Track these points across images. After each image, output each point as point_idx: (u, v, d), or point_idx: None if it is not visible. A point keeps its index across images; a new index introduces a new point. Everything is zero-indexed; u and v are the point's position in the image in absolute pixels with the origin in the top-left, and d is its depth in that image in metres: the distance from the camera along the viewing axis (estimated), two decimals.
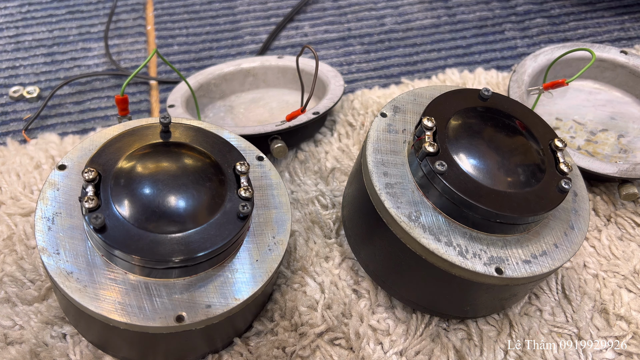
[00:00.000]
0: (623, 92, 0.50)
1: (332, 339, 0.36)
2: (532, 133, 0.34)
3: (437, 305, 0.36)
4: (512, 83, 0.46)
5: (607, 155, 0.46)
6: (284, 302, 0.37)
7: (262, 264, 0.32)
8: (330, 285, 0.38)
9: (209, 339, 0.33)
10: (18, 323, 0.35)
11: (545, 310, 0.38)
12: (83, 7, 0.60)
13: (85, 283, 0.29)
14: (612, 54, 0.49)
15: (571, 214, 0.35)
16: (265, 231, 0.33)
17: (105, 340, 0.33)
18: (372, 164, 0.33)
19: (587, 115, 0.48)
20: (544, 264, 0.32)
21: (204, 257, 0.29)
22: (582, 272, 0.40)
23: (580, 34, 0.59)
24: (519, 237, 0.32)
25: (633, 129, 0.48)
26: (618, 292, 0.39)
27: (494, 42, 0.58)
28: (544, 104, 0.49)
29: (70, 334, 0.34)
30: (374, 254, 0.36)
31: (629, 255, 0.41)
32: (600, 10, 0.62)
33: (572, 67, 0.49)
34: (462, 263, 0.31)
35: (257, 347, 0.35)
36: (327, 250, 0.40)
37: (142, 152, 0.31)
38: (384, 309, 0.37)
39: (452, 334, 0.36)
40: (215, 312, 0.29)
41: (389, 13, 0.61)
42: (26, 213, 0.40)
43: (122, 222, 0.28)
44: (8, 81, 0.53)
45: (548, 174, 0.32)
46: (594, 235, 0.42)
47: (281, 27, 0.59)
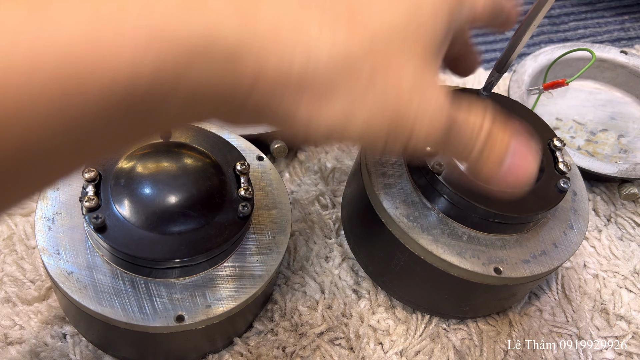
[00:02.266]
0: (623, 92, 0.50)
1: (332, 339, 0.36)
2: (531, 132, 0.34)
3: (437, 306, 0.36)
4: (512, 83, 0.46)
5: (607, 155, 0.46)
6: (284, 302, 0.37)
7: (262, 264, 0.32)
8: (331, 285, 0.38)
9: (209, 339, 0.33)
10: (18, 323, 0.35)
11: (545, 310, 0.38)
12: None
13: (85, 283, 0.29)
14: (612, 54, 0.49)
15: (570, 213, 0.35)
16: (265, 231, 0.33)
17: (106, 340, 0.33)
18: (370, 164, 0.33)
19: (587, 115, 0.49)
20: (543, 264, 0.32)
21: (204, 257, 0.29)
22: (582, 272, 0.40)
23: (580, 34, 0.59)
24: (518, 237, 0.32)
25: (633, 129, 0.48)
26: (618, 292, 0.39)
27: (494, 42, 0.58)
28: (544, 104, 0.49)
29: (70, 334, 0.34)
30: (373, 254, 0.36)
31: (629, 256, 0.41)
32: (600, 11, 0.62)
33: (572, 67, 0.49)
34: (461, 263, 0.31)
35: (257, 347, 0.35)
36: (327, 251, 0.40)
37: (143, 151, 0.31)
38: (384, 309, 0.37)
39: (452, 334, 0.36)
40: (215, 312, 0.29)
41: None
42: (26, 213, 0.40)
43: (123, 222, 0.28)
44: None
45: (547, 174, 0.32)
46: (594, 236, 0.42)
47: None
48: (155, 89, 0.16)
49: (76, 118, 0.15)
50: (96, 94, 0.15)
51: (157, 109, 0.17)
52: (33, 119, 0.15)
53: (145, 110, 0.17)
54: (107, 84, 0.15)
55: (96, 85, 0.15)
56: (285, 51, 0.18)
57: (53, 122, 0.15)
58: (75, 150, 0.16)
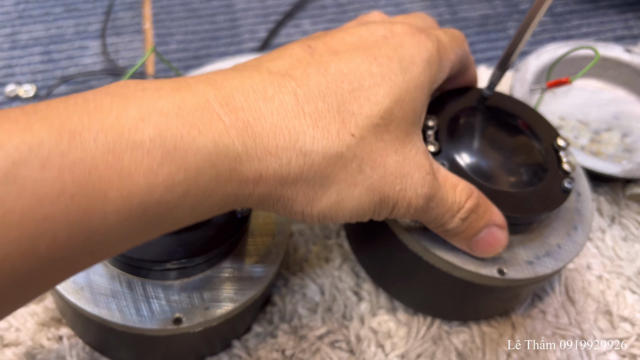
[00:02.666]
0: (627, 91, 0.50)
1: (333, 342, 0.35)
2: (534, 132, 0.34)
3: (439, 307, 0.36)
4: (515, 82, 0.46)
5: (611, 155, 0.45)
6: (283, 304, 0.36)
7: (261, 266, 0.31)
8: (331, 287, 0.37)
9: (207, 342, 0.32)
10: (14, 325, 0.34)
11: (548, 312, 0.37)
12: (80, 5, 0.59)
13: (81, 285, 0.29)
14: (616, 52, 0.49)
15: (574, 214, 0.34)
16: (264, 232, 0.33)
17: (102, 342, 0.33)
18: None
19: (590, 114, 0.48)
20: (547, 265, 0.32)
21: (203, 258, 0.29)
22: (585, 274, 0.40)
23: (583, 32, 0.59)
24: (522, 238, 0.32)
25: (637, 128, 0.47)
26: (622, 294, 0.39)
27: (497, 41, 0.58)
28: (547, 103, 0.48)
29: (67, 336, 0.34)
30: (374, 255, 0.36)
31: (633, 257, 0.41)
32: (604, 8, 0.61)
33: (575, 65, 0.48)
34: (464, 264, 0.30)
35: (256, 350, 0.34)
36: (327, 252, 0.39)
37: None
38: (385, 311, 0.37)
39: (454, 336, 0.36)
40: (213, 314, 0.29)
41: (391, 11, 0.61)
42: None
43: None
44: (4, 80, 0.52)
45: (551, 174, 0.32)
46: (598, 236, 0.42)
47: (281, 25, 0.59)
48: (167, 197, 0.19)
49: (99, 219, 0.18)
50: (117, 202, 0.18)
51: (170, 212, 0.20)
52: (60, 227, 0.17)
53: (159, 215, 0.19)
54: (125, 195, 0.18)
55: (115, 194, 0.18)
56: (283, 157, 0.21)
57: (77, 229, 0.17)
58: (92, 251, 0.19)
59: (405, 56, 0.25)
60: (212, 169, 0.20)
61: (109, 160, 0.18)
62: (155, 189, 0.19)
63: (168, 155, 0.19)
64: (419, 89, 0.25)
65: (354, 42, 0.25)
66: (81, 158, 0.17)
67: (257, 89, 0.22)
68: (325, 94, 0.23)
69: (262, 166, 0.21)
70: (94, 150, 0.17)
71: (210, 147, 0.20)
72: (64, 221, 0.17)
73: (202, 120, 0.20)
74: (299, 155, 0.21)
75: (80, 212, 0.17)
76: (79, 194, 0.17)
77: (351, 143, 0.22)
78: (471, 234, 0.28)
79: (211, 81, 0.22)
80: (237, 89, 0.21)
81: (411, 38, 0.26)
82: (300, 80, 0.23)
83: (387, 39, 0.26)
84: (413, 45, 0.26)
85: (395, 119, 0.24)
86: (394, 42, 0.25)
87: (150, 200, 0.19)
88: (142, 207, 0.18)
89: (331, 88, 0.23)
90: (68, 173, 0.17)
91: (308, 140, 0.22)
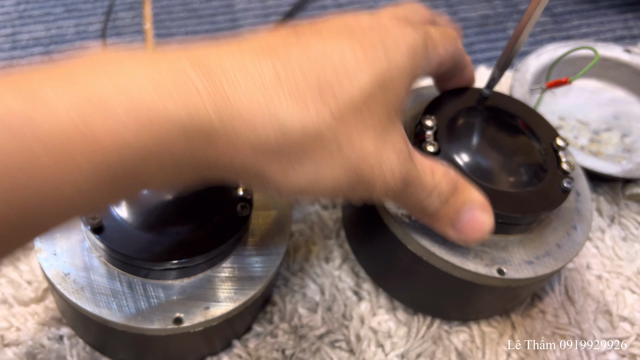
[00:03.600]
0: (626, 91, 0.50)
1: (333, 342, 0.35)
2: (533, 132, 0.34)
3: (439, 307, 0.36)
4: (515, 82, 0.46)
5: (610, 155, 0.45)
6: (283, 304, 0.36)
7: (261, 266, 0.31)
8: (331, 286, 0.37)
9: (207, 341, 0.32)
10: (15, 325, 0.34)
11: (548, 311, 0.37)
12: (80, 5, 0.59)
13: (82, 284, 0.29)
14: (616, 52, 0.49)
15: (574, 213, 0.34)
16: (264, 232, 0.33)
17: (103, 342, 0.33)
18: None
19: (590, 114, 0.48)
20: (547, 265, 0.32)
21: (203, 258, 0.29)
22: (585, 273, 0.40)
23: (583, 32, 0.59)
24: (521, 238, 0.32)
25: (637, 128, 0.47)
26: (622, 294, 0.39)
27: (496, 41, 0.58)
28: (546, 103, 0.48)
29: (67, 335, 0.34)
30: (374, 255, 0.36)
31: (633, 256, 0.41)
32: (604, 8, 0.61)
33: (575, 65, 0.48)
34: (464, 264, 0.30)
35: (256, 350, 0.34)
36: (327, 252, 0.39)
37: None
38: (385, 310, 0.37)
39: (454, 336, 0.36)
40: (213, 314, 0.29)
41: None
42: None
43: (120, 222, 0.28)
44: None
45: (550, 174, 0.32)
46: (597, 236, 0.42)
47: (281, 25, 0.59)
48: (140, 169, 0.19)
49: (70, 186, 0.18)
50: (89, 172, 0.18)
51: (144, 183, 0.20)
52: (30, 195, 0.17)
53: (133, 182, 0.20)
54: (98, 163, 0.18)
55: (87, 163, 0.18)
56: (261, 131, 0.21)
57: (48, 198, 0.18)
58: (59, 214, 0.19)
59: (390, 44, 0.25)
60: (187, 141, 0.20)
61: (81, 130, 0.17)
62: (128, 160, 0.18)
63: (142, 126, 0.18)
64: (403, 76, 0.25)
65: (340, 28, 0.25)
66: (52, 128, 0.17)
67: (236, 63, 0.21)
68: (307, 74, 0.22)
69: (238, 139, 0.21)
70: (66, 120, 0.17)
71: (185, 118, 0.19)
72: (37, 191, 0.17)
73: (178, 91, 0.19)
74: (277, 130, 0.21)
75: (51, 182, 0.17)
76: (50, 164, 0.17)
77: (332, 123, 0.22)
78: (452, 215, 0.28)
79: (189, 53, 0.21)
80: (215, 62, 0.21)
81: (397, 28, 0.26)
82: (282, 59, 0.22)
83: (373, 27, 0.25)
84: (398, 35, 0.25)
85: (377, 104, 0.24)
86: (379, 31, 0.25)
87: (123, 171, 0.19)
88: (115, 177, 0.19)
89: (314, 69, 0.22)
90: (39, 143, 0.17)
91: (288, 118, 0.21)
